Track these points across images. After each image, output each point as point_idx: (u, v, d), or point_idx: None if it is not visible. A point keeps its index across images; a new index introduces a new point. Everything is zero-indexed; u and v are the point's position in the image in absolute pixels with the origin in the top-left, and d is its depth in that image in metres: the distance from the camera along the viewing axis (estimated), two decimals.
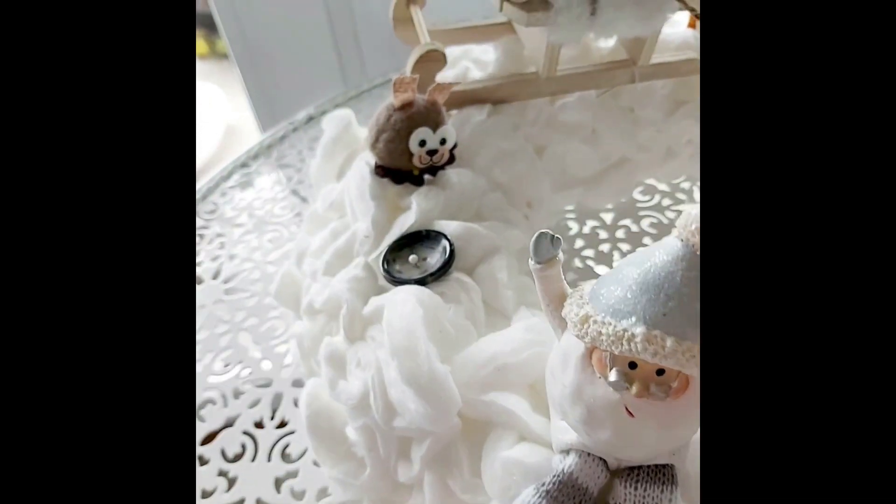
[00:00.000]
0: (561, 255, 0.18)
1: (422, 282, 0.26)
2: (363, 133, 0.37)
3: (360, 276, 0.27)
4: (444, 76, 0.38)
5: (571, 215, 0.41)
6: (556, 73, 0.35)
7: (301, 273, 0.32)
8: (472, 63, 0.40)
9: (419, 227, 0.28)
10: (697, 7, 0.35)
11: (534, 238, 0.18)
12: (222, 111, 1.42)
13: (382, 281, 0.27)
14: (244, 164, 0.48)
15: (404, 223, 0.29)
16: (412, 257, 0.27)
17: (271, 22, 0.73)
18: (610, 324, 0.16)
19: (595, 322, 0.16)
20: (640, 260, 0.16)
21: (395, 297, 0.24)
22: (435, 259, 0.27)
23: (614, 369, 0.16)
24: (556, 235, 0.18)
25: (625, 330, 0.15)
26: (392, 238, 0.28)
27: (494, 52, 0.39)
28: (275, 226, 0.43)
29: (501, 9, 0.32)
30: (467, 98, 0.35)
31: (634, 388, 0.16)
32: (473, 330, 0.25)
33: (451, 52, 0.41)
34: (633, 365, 0.16)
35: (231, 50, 0.75)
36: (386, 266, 0.27)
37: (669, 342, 0.15)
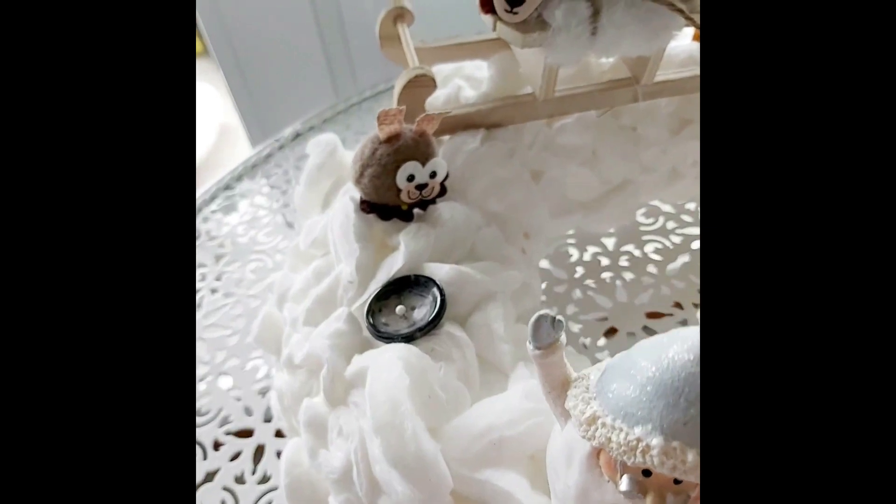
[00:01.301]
0: (563, 338, 0.16)
1: (409, 337, 0.24)
2: (349, 157, 0.35)
3: (342, 329, 0.25)
4: (435, 96, 0.36)
5: (571, 240, 0.38)
6: (553, 94, 0.32)
7: (283, 315, 0.30)
8: (464, 81, 0.37)
9: (407, 271, 0.26)
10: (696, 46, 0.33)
11: (532, 320, 0.16)
12: (216, 111, 1.40)
13: (367, 333, 0.25)
14: (227, 187, 0.45)
15: (391, 267, 0.26)
16: (399, 308, 0.25)
17: (259, 33, 0.71)
18: (622, 430, 0.14)
19: (604, 425, 0.14)
20: (656, 354, 0.14)
21: (378, 361, 0.22)
22: (424, 310, 0.25)
23: (626, 476, 0.14)
24: (557, 317, 0.16)
25: (639, 439, 0.13)
26: (378, 284, 0.26)
27: (488, 69, 0.36)
28: (258, 254, 0.40)
29: (495, 28, 0.30)
30: (459, 123, 0.33)
31: (649, 500, 0.14)
32: (467, 392, 0.23)
33: (443, 69, 0.38)
34: (646, 472, 0.14)
35: (218, 62, 0.73)
36: (371, 318, 0.25)
37: (691, 456, 0.13)
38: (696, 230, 0.39)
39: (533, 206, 0.33)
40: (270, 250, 0.41)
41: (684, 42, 0.37)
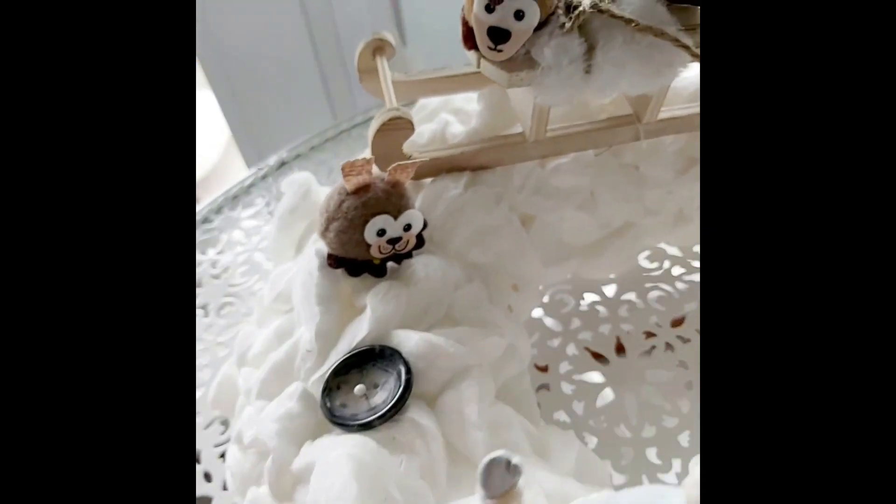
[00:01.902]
0: (521, 485, 0.13)
1: (368, 425, 0.21)
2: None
3: (293, 411, 0.22)
4: (419, 132, 0.33)
5: (567, 286, 0.35)
6: (545, 135, 0.30)
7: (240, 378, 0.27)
8: (452, 115, 0.35)
9: (372, 340, 0.23)
10: None
11: (482, 466, 0.13)
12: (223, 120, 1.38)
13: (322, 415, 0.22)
14: (206, 220, 0.43)
15: (355, 335, 0.24)
16: (358, 388, 0.22)
17: (253, 53, 0.68)
18: None
19: None
20: None
21: (325, 460, 0.19)
22: (387, 390, 0.22)
23: None
24: (513, 461, 0.13)
25: None
26: (339, 354, 0.23)
27: (478, 102, 0.33)
28: (230, 297, 0.38)
29: (479, 65, 0.27)
30: (442, 166, 0.30)
31: None
32: (429, 493, 0.20)
33: (430, 102, 0.36)
34: None
35: (209, 83, 0.70)
36: (327, 397, 0.22)
37: None
38: None
39: (522, 255, 0.30)
40: (244, 293, 0.38)
41: (692, 74, 0.34)
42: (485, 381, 0.23)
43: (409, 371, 0.22)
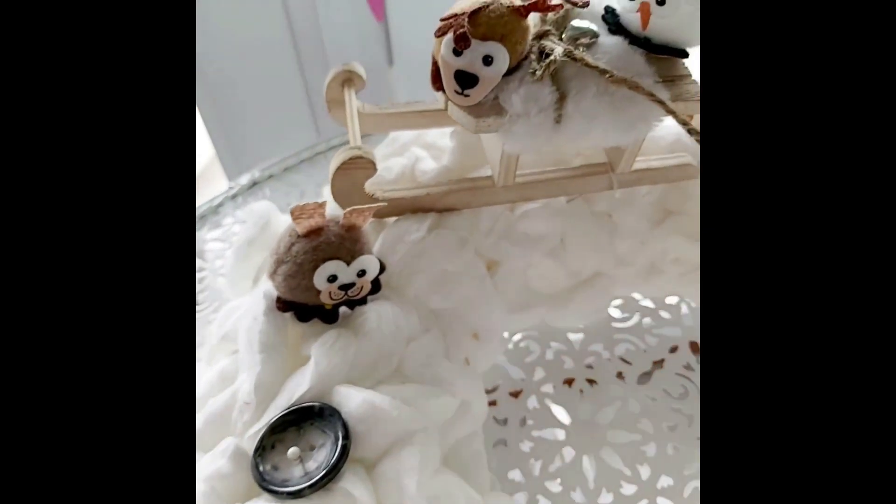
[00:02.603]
0: None
1: (298, 493, 0.19)
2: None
3: (224, 470, 0.20)
4: (387, 166, 0.32)
5: (533, 332, 0.34)
6: (514, 180, 0.29)
7: None
8: (424, 150, 0.34)
9: (313, 397, 0.22)
10: (691, 119, 0.29)
11: None
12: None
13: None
14: None
15: (295, 390, 0.22)
16: (292, 450, 0.21)
17: (237, 68, 0.67)
18: None
19: None
20: None
21: None
22: (323, 455, 0.21)
23: None
24: None
25: None
26: (278, 409, 0.22)
27: (451, 139, 0.32)
28: None
29: (447, 107, 0.26)
30: (406, 207, 0.29)
31: None
32: None
33: (402, 135, 0.35)
34: None
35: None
36: (259, 458, 0.21)
37: None
38: (676, 330, 0.35)
39: (485, 302, 0.29)
40: (200, 321, 0.37)
41: (671, 122, 0.33)
42: (429, 447, 0.22)
43: (346, 436, 0.20)
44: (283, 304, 0.25)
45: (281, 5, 0.64)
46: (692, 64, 0.29)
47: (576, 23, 0.26)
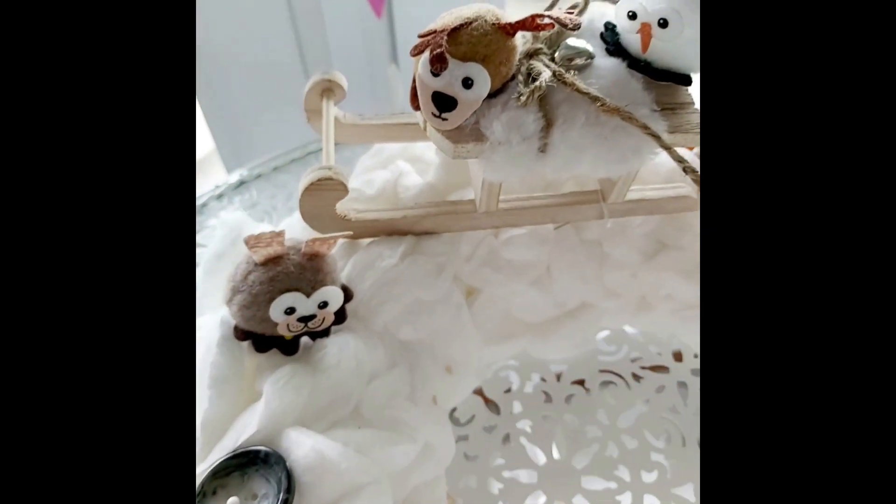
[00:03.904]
0: None
1: None
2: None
3: None
4: (368, 180, 0.31)
5: (514, 362, 0.33)
6: (497, 206, 0.27)
7: None
8: (409, 164, 0.32)
9: (261, 440, 0.21)
10: (687, 156, 0.27)
11: None
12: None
13: None
14: None
15: (242, 431, 0.21)
16: (232, 501, 0.19)
17: (239, 61, 0.65)
18: None
19: None
20: None
21: None
22: None
23: None
24: None
25: None
26: (225, 450, 0.21)
27: (437, 155, 0.31)
28: None
29: (425, 128, 0.24)
30: (381, 229, 0.27)
31: None
32: None
33: (388, 147, 0.33)
34: None
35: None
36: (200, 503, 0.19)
37: None
38: (663, 369, 0.33)
39: (460, 333, 0.28)
40: None
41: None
42: (379, 502, 0.20)
43: (289, 488, 0.19)
44: (241, 333, 0.23)
45: (285, 2, 0.62)
46: (695, 90, 0.27)
47: (570, 41, 0.24)
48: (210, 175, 0.86)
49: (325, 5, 0.60)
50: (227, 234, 0.30)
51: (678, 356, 0.33)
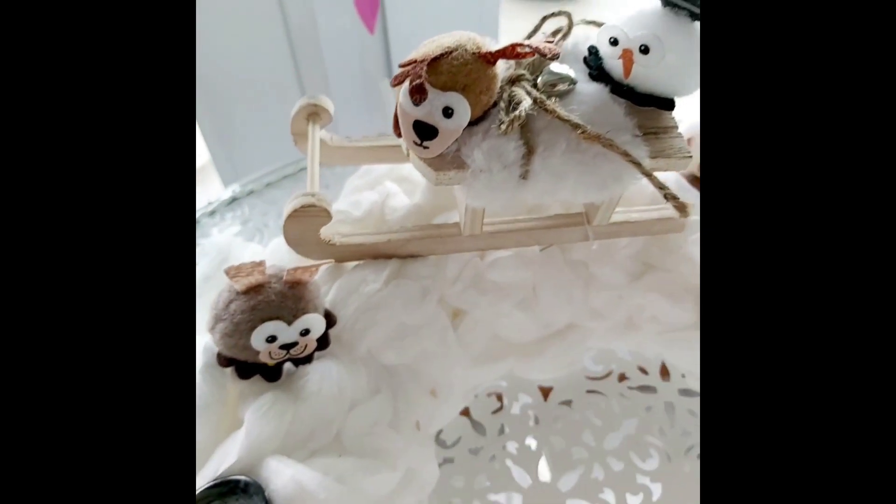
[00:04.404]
0: None
1: None
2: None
3: None
4: (356, 201, 0.31)
5: (501, 382, 0.33)
6: (482, 230, 0.27)
7: None
8: (397, 184, 0.32)
9: (241, 469, 0.21)
10: (671, 179, 0.27)
11: None
12: None
13: None
14: None
15: (223, 460, 0.21)
16: None
17: (235, 74, 0.65)
18: None
19: None
20: None
21: None
22: None
23: None
24: None
25: None
26: (205, 479, 0.21)
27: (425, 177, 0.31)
28: None
29: (408, 155, 0.24)
30: (366, 253, 0.27)
31: None
32: None
33: (376, 167, 0.33)
34: None
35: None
36: None
37: None
38: (651, 389, 0.33)
39: (445, 357, 0.28)
40: None
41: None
42: None
43: None
44: (223, 360, 0.23)
45: (280, 16, 0.62)
46: (680, 113, 0.27)
47: (553, 67, 0.25)
48: (206, 185, 0.86)
49: (320, 21, 0.60)
50: (216, 257, 0.30)
51: (665, 374, 0.33)
